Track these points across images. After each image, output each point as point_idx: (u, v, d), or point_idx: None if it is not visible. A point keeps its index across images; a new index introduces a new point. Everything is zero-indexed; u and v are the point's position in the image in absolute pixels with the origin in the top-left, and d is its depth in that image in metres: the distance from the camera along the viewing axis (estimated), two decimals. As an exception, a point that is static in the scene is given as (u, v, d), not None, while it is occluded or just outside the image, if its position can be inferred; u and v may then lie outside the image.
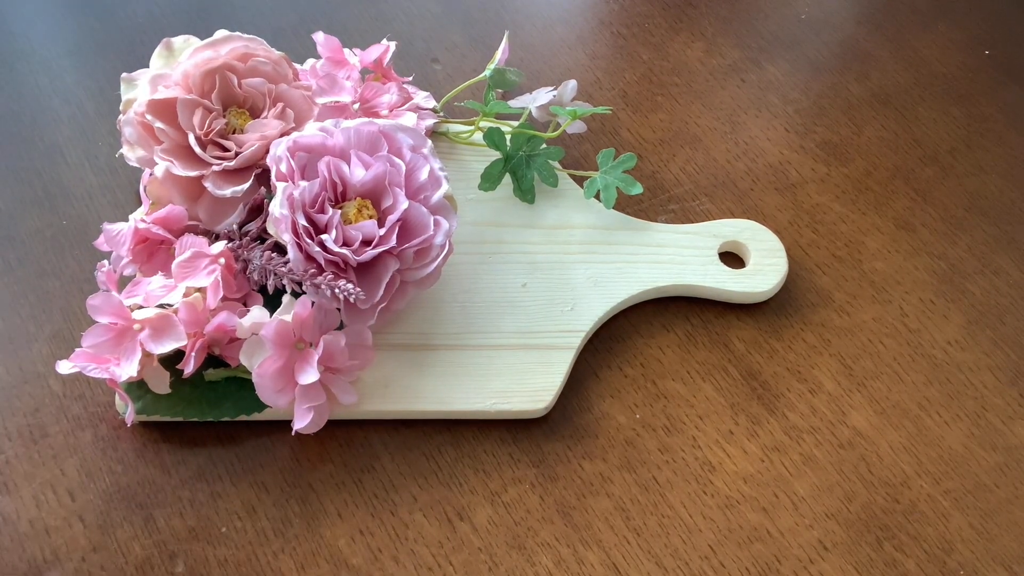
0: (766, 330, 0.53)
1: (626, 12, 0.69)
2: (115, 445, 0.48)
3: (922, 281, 0.56)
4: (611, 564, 0.46)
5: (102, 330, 0.44)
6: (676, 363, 0.52)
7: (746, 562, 0.46)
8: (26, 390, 0.49)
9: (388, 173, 0.47)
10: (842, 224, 0.58)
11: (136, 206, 0.56)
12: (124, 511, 0.46)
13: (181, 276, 0.46)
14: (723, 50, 0.67)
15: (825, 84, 0.65)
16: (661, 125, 0.62)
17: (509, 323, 0.51)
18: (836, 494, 0.48)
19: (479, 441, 0.49)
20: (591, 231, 0.55)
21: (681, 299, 0.54)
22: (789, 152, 0.61)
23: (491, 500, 0.47)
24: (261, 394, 0.45)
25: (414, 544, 0.46)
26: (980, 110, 0.64)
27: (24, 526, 0.46)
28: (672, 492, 0.48)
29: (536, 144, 0.57)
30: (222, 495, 0.47)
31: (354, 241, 0.46)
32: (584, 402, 0.50)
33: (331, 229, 0.46)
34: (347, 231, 0.46)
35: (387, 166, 0.47)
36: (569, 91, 0.58)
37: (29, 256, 0.54)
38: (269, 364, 0.45)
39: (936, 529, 0.47)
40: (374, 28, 0.67)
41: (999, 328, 0.54)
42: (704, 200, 0.59)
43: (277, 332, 0.44)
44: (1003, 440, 0.50)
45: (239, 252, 0.48)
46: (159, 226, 0.48)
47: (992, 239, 0.58)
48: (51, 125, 0.60)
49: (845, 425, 0.50)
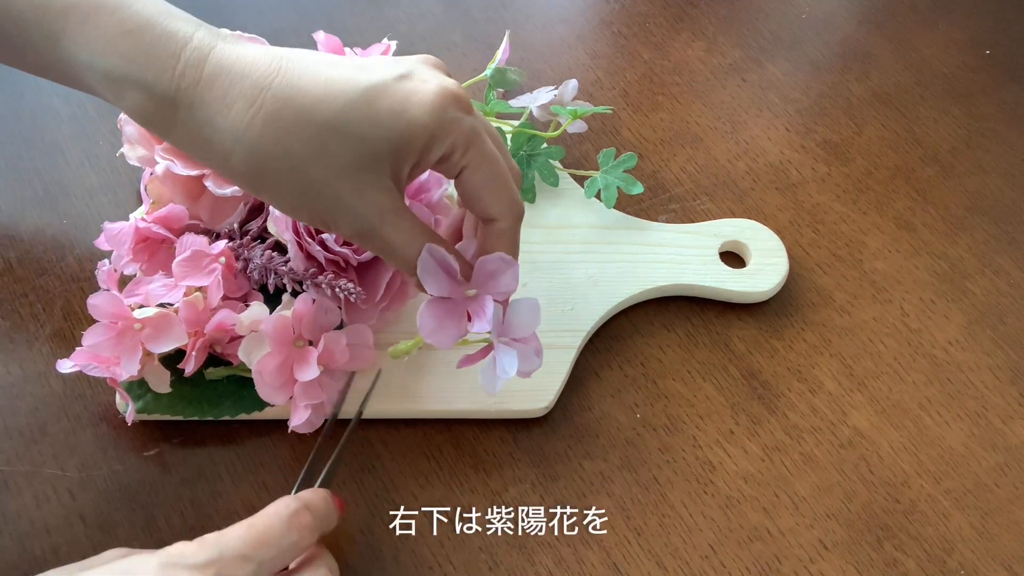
0: (767, 330, 0.53)
1: (627, 11, 0.69)
2: (116, 444, 0.48)
3: (923, 281, 0.56)
4: (611, 564, 0.46)
5: (103, 329, 0.44)
6: (677, 363, 0.52)
7: (746, 561, 0.46)
8: (27, 389, 0.50)
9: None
10: (843, 224, 0.58)
11: (137, 205, 0.56)
12: (125, 510, 0.46)
13: (182, 275, 0.46)
14: (724, 49, 0.67)
15: (826, 84, 0.65)
16: (662, 124, 0.62)
17: (509, 323, 0.51)
18: (836, 494, 0.48)
19: (479, 441, 0.49)
20: (592, 230, 0.55)
21: (682, 299, 0.54)
22: (790, 152, 0.61)
23: (491, 500, 0.47)
24: (260, 390, 0.45)
25: (414, 544, 0.46)
26: (981, 110, 0.64)
27: (24, 525, 0.46)
28: (672, 491, 0.48)
29: (537, 143, 0.57)
30: (222, 495, 0.47)
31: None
32: (584, 402, 0.50)
33: (332, 228, 0.46)
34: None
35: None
36: (570, 90, 0.58)
37: (29, 255, 0.54)
38: (268, 360, 0.45)
39: (936, 529, 0.47)
40: (375, 28, 0.67)
41: (999, 328, 0.54)
42: (705, 200, 0.59)
43: (276, 328, 0.44)
44: (1003, 440, 0.50)
45: (240, 251, 0.48)
46: (160, 225, 0.48)
47: (993, 239, 0.58)
48: (52, 124, 0.60)
49: (845, 425, 0.50)
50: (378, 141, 0.38)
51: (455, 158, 0.39)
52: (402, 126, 0.38)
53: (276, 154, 0.37)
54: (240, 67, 0.37)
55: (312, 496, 0.41)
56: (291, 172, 0.38)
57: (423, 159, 0.39)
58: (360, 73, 0.38)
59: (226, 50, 0.38)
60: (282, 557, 0.38)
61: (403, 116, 0.38)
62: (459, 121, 0.39)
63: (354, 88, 0.38)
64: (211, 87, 0.37)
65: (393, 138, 0.38)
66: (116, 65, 0.38)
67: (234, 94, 0.37)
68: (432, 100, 0.38)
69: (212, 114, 0.37)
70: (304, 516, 0.39)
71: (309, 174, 0.38)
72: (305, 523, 0.39)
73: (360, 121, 0.37)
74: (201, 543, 0.37)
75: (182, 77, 0.37)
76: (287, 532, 0.38)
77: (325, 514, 0.41)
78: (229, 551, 0.36)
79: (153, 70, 0.37)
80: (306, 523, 0.39)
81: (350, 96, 0.37)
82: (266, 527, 0.38)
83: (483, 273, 0.41)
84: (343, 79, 0.38)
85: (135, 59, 0.37)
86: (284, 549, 0.38)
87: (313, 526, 0.39)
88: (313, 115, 0.37)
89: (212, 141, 0.38)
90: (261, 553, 0.37)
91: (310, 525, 0.39)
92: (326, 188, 0.38)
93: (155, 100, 0.38)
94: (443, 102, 0.38)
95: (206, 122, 0.37)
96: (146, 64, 0.37)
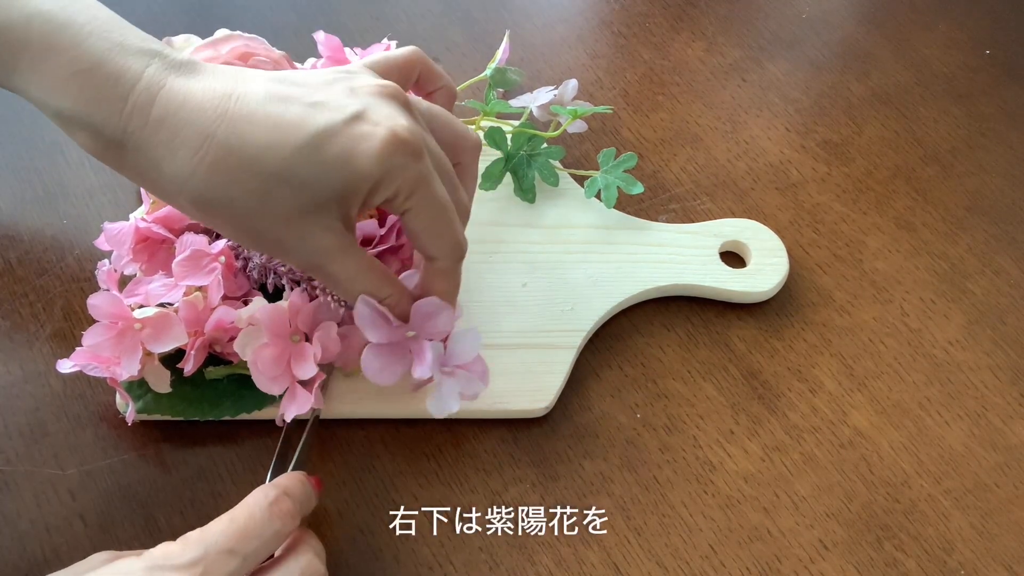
0: (767, 330, 0.53)
1: (627, 11, 0.69)
2: (116, 444, 0.48)
3: (923, 281, 0.56)
4: (611, 564, 0.46)
5: (103, 329, 0.44)
6: (677, 363, 0.52)
7: (746, 561, 0.46)
8: (27, 389, 0.50)
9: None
10: (843, 224, 0.58)
11: (136, 205, 0.56)
12: (125, 510, 0.46)
13: (182, 275, 0.46)
14: (724, 49, 0.67)
15: (826, 83, 0.65)
16: (662, 124, 0.62)
17: (509, 323, 0.51)
18: (836, 494, 0.48)
19: (479, 441, 0.49)
20: (592, 231, 0.55)
21: (682, 298, 0.54)
22: (790, 151, 0.61)
23: (491, 500, 0.47)
24: (256, 380, 0.45)
25: (414, 544, 0.46)
26: (981, 109, 0.64)
27: (25, 525, 0.46)
28: (673, 491, 0.48)
29: (537, 143, 0.57)
30: (223, 495, 0.47)
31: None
32: (585, 401, 0.50)
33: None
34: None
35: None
36: (570, 90, 0.58)
37: (29, 255, 0.54)
38: (264, 350, 0.44)
39: (936, 529, 0.47)
40: (375, 27, 0.67)
41: (1000, 328, 0.54)
42: (705, 199, 0.59)
43: (272, 318, 0.44)
44: (1003, 440, 0.50)
45: (239, 251, 0.48)
46: (160, 225, 0.48)
47: (993, 239, 0.58)
48: (52, 124, 0.60)
49: (846, 425, 0.50)
50: (323, 188, 0.38)
51: (398, 201, 0.40)
52: (347, 173, 0.38)
53: (221, 202, 0.38)
54: (187, 111, 0.37)
55: (288, 481, 0.41)
56: (235, 219, 0.38)
57: (368, 202, 0.40)
58: (310, 114, 0.38)
59: (175, 88, 0.38)
60: (266, 547, 0.38)
61: (349, 164, 0.38)
62: (404, 168, 0.39)
63: (302, 134, 0.37)
64: (157, 131, 0.37)
65: (338, 186, 0.38)
66: (66, 107, 0.38)
67: (179, 141, 0.37)
68: (379, 148, 0.38)
69: (158, 159, 0.37)
70: (284, 503, 0.39)
71: (252, 222, 0.38)
72: (286, 509, 0.39)
73: (306, 168, 0.37)
74: (185, 542, 0.37)
75: (129, 120, 0.37)
76: (269, 521, 0.38)
77: (304, 497, 0.41)
78: (214, 547, 0.36)
79: (101, 113, 0.37)
80: (287, 509, 0.39)
81: (297, 143, 0.37)
82: (247, 519, 0.38)
83: (420, 315, 0.43)
84: (292, 123, 0.38)
85: (84, 102, 0.37)
86: (267, 539, 0.38)
87: (294, 511, 0.39)
88: (258, 165, 0.37)
89: (159, 183, 0.38)
90: (245, 546, 0.37)
91: (291, 511, 0.39)
92: (269, 234, 0.39)
93: (103, 142, 0.38)
94: (391, 149, 0.38)
95: (152, 166, 0.38)
96: (95, 107, 0.37)
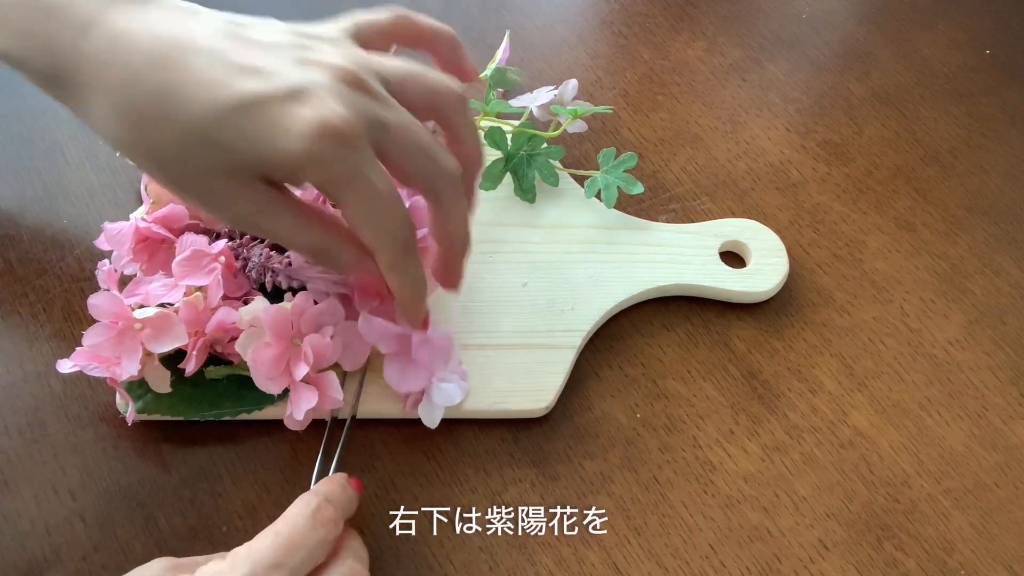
0: (767, 330, 0.53)
1: (627, 11, 0.69)
2: (116, 444, 0.48)
3: (923, 281, 0.56)
4: (611, 564, 0.46)
5: (103, 329, 0.44)
6: (677, 363, 0.52)
7: (746, 561, 0.46)
8: (27, 389, 0.49)
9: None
10: (843, 224, 0.58)
11: (137, 205, 0.56)
12: (125, 510, 0.46)
13: (182, 275, 0.46)
14: (724, 49, 0.67)
15: (826, 83, 0.65)
16: (662, 124, 0.62)
17: (509, 323, 0.51)
18: (836, 494, 0.48)
19: (479, 441, 0.49)
20: (592, 230, 0.55)
21: (682, 299, 0.54)
22: (790, 151, 0.61)
23: (491, 500, 0.47)
24: (256, 377, 0.45)
25: (414, 544, 0.46)
26: (981, 110, 0.64)
27: (25, 525, 0.46)
28: (673, 491, 0.48)
29: (537, 143, 0.57)
30: (223, 495, 0.47)
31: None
32: (585, 401, 0.50)
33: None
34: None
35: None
36: (570, 90, 0.58)
37: (29, 255, 0.54)
38: (264, 349, 0.44)
39: (936, 528, 0.47)
40: (375, 27, 0.67)
41: (1000, 328, 0.54)
42: (705, 199, 0.59)
43: (275, 318, 0.44)
44: (1003, 440, 0.50)
45: (239, 251, 0.48)
46: (160, 225, 0.48)
47: (993, 239, 0.58)
48: (51, 124, 0.60)
49: (846, 425, 0.50)
50: (243, 155, 0.36)
51: (329, 191, 0.38)
52: (267, 149, 0.36)
53: (142, 152, 0.37)
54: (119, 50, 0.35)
55: (329, 486, 0.41)
56: (160, 168, 0.37)
57: (293, 181, 0.38)
58: (242, 79, 0.36)
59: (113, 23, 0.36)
60: (312, 557, 0.38)
61: (271, 140, 0.36)
62: (334, 159, 0.36)
63: (232, 98, 0.36)
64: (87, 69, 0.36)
65: (258, 157, 0.36)
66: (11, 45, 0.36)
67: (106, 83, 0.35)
68: (306, 134, 0.36)
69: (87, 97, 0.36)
70: (326, 510, 0.39)
71: (175, 174, 0.37)
72: (328, 517, 0.39)
73: (226, 133, 0.36)
74: (234, 559, 0.37)
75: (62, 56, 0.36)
76: (313, 531, 0.38)
77: (346, 501, 0.41)
78: (261, 563, 0.36)
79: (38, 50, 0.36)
80: (329, 516, 0.39)
81: (223, 107, 0.36)
82: (291, 531, 0.38)
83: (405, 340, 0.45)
84: (221, 83, 0.36)
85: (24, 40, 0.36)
86: (312, 548, 0.38)
87: (336, 518, 0.39)
88: (180, 118, 0.36)
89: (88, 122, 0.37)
90: (292, 558, 0.37)
91: (333, 518, 0.39)
92: (193, 188, 0.38)
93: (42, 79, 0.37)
94: (319, 139, 0.36)
95: (82, 105, 0.36)
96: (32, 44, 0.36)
